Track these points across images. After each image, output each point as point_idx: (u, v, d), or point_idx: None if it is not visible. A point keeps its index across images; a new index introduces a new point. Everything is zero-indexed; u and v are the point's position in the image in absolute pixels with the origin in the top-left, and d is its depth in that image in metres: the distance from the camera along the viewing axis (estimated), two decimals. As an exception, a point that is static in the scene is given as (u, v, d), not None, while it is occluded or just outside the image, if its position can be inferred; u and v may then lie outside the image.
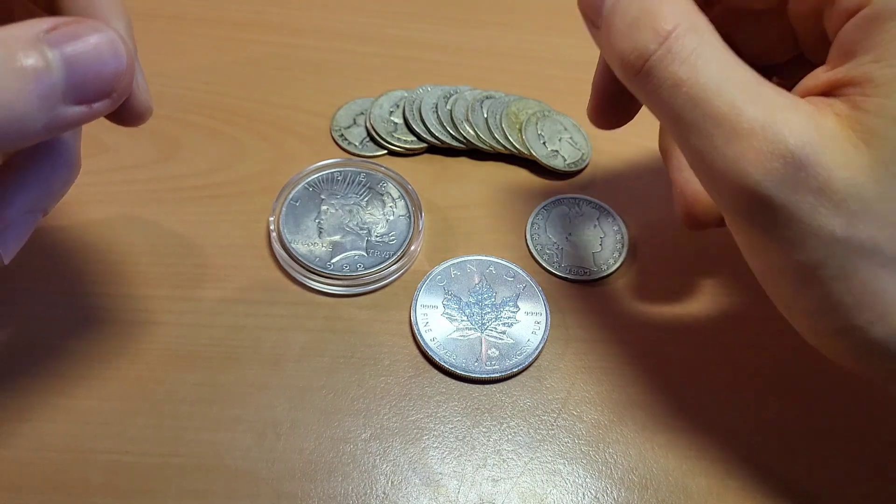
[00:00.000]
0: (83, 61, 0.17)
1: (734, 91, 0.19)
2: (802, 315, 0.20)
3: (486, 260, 0.29)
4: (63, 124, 0.18)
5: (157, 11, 0.37)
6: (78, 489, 0.23)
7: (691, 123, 0.19)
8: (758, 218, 0.19)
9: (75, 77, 0.17)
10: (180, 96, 0.34)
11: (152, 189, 0.30)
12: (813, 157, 0.18)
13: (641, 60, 0.20)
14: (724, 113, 0.19)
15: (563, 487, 0.24)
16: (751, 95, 0.19)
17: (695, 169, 0.20)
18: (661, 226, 0.31)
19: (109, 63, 0.18)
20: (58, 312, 0.27)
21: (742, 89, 0.19)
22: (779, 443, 0.26)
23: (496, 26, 0.38)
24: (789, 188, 0.18)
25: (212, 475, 0.24)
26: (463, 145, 0.32)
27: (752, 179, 0.18)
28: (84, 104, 0.18)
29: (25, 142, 0.17)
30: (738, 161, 0.19)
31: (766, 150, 0.18)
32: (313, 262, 0.28)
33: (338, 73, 0.35)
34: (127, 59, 0.18)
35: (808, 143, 0.18)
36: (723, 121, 0.19)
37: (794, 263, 0.19)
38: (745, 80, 0.19)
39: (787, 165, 0.18)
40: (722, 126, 0.19)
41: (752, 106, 0.19)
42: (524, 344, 0.27)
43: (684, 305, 0.29)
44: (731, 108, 0.19)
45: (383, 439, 0.25)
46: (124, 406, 0.25)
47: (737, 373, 0.27)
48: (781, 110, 0.19)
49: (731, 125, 0.19)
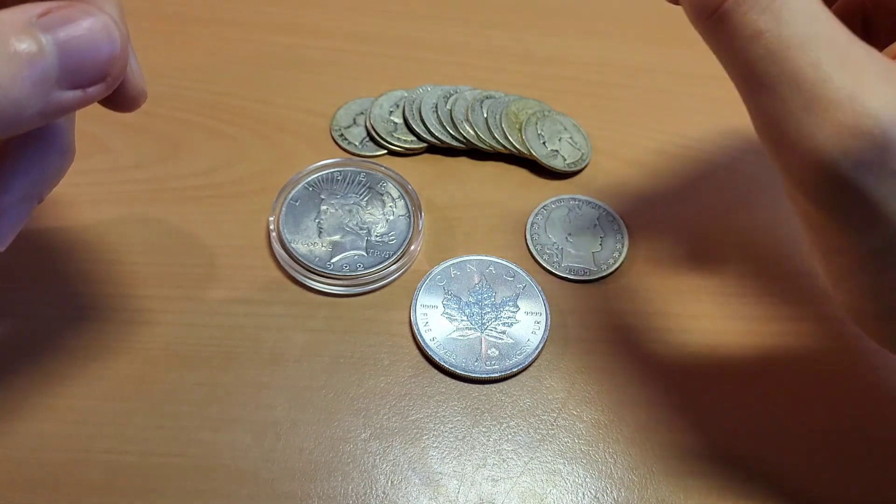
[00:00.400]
0: (77, 45, 0.17)
1: (822, 50, 0.17)
2: (855, 295, 0.19)
3: (485, 260, 0.29)
4: (58, 110, 0.18)
5: (156, 11, 0.37)
6: (77, 489, 0.23)
7: (766, 82, 0.17)
8: (828, 198, 0.18)
9: (69, 62, 0.17)
10: (180, 96, 0.34)
11: (152, 189, 0.30)
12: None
13: (717, 2, 0.18)
14: (807, 75, 0.17)
15: (563, 487, 0.24)
16: (840, 58, 0.17)
17: (761, 133, 0.19)
18: (661, 225, 0.31)
19: (103, 47, 0.18)
20: (57, 312, 0.27)
21: (831, 49, 0.17)
22: (779, 443, 0.26)
23: (496, 26, 0.38)
24: (870, 170, 0.17)
25: (212, 475, 0.24)
26: (463, 145, 0.32)
27: (830, 156, 0.17)
28: (78, 89, 0.18)
29: (20, 128, 0.17)
30: (816, 133, 0.17)
31: (850, 124, 0.16)
32: (313, 261, 0.28)
33: (338, 73, 0.35)
34: (121, 42, 0.18)
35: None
36: (804, 84, 0.17)
37: (859, 246, 0.18)
38: (836, 39, 0.17)
39: (871, 145, 0.16)
40: (802, 90, 0.17)
41: (840, 71, 0.17)
42: (524, 344, 0.27)
43: (684, 305, 0.29)
44: (815, 71, 0.17)
45: (383, 439, 0.25)
46: (124, 406, 0.25)
47: (737, 373, 0.27)
48: (873, 79, 0.17)
49: (813, 91, 0.17)
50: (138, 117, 0.33)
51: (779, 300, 0.29)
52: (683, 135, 0.34)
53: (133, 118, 0.32)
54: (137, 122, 0.32)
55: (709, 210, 0.31)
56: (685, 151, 0.34)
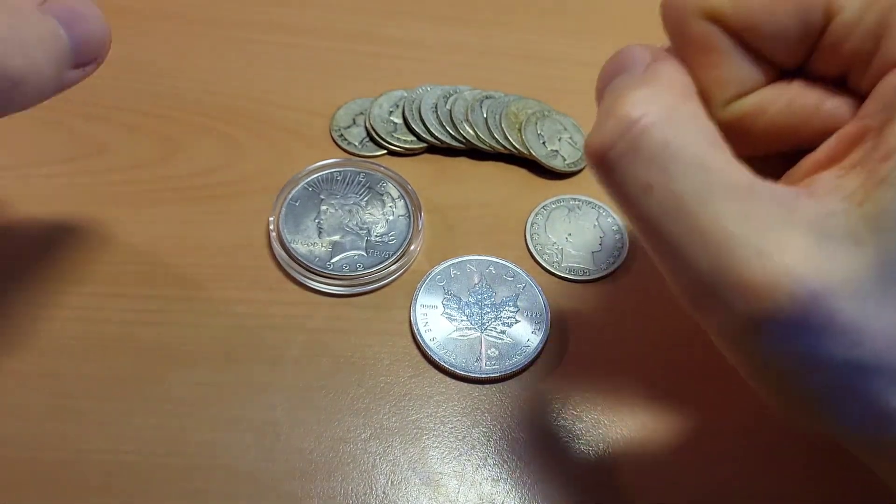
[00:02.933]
0: (81, 29, 0.19)
1: (719, 202, 0.15)
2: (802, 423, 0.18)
3: (485, 260, 0.29)
4: (65, 86, 0.20)
5: (157, 11, 0.37)
6: (77, 489, 0.23)
7: (669, 241, 0.16)
8: (750, 353, 0.16)
9: (77, 44, 0.19)
10: (180, 96, 0.34)
11: (152, 189, 0.30)
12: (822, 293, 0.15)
13: (602, 150, 0.16)
14: (709, 232, 0.15)
15: (562, 487, 0.24)
16: (741, 208, 0.15)
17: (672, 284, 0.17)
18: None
19: (100, 31, 0.20)
20: (57, 312, 0.27)
21: (730, 198, 0.15)
22: (780, 444, 0.26)
23: (496, 26, 0.38)
24: (792, 334, 0.15)
25: (211, 475, 0.24)
26: (463, 145, 0.32)
27: (746, 318, 0.15)
28: (80, 67, 0.20)
29: (37, 102, 0.19)
30: (727, 301, 0.15)
31: (762, 289, 0.15)
32: (313, 262, 0.28)
33: (338, 73, 0.35)
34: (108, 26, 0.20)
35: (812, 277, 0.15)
36: (708, 244, 0.15)
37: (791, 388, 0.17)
38: (734, 185, 0.16)
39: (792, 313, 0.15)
40: (707, 250, 0.15)
41: (743, 224, 0.15)
42: (524, 344, 0.27)
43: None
44: (716, 227, 0.15)
45: (383, 439, 0.25)
46: (123, 406, 0.25)
47: (738, 373, 0.27)
48: (779, 230, 0.15)
49: (717, 250, 0.15)
50: (138, 117, 0.33)
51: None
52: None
53: (133, 118, 0.33)
54: (137, 122, 0.32)
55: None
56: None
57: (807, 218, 0.15)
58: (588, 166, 0.17)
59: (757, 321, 0.15)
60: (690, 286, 0.16)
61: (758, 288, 0.15)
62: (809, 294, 0.15)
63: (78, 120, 0.32)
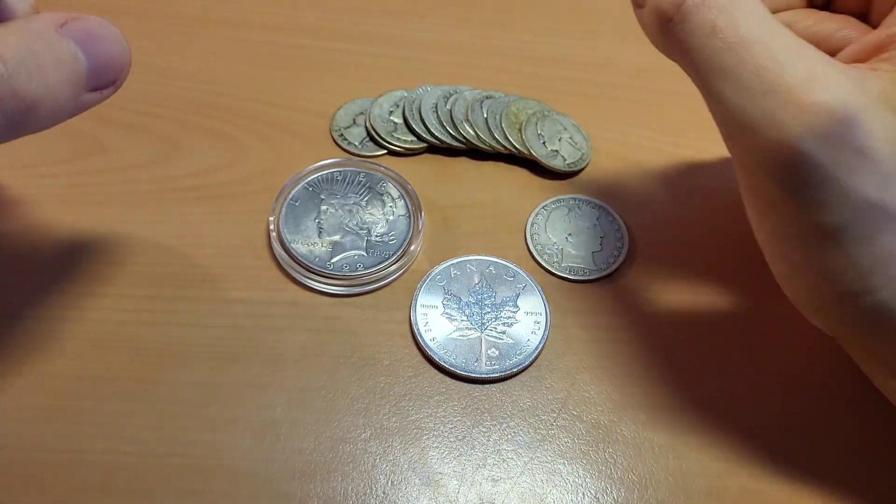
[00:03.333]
0: (100, 52, 0.19)
1: (776, 45, 0.18)
2: (809, 277, 0.20)
3: (486, 260, 0.29)
4: (82, 109, 0.20)
5: (157, 11, 0.37)
6: (77, 489, 0.23)
7: (727, 73, 0.19)
8: (790, 176, 0.19)
9: (95, 67, 0.19)
10: (180, 96, 0.34)
11: (152, 189, 0.30)
12: (857, 117, 0.18)
13: (676, 6, 0.19)
14: (765, 65, 0.18)
15: (562, 487, 0.24)
16: (793, 50, 0.18)
17: (725, 123, 0.20)
18: (661, 226, 0.31)
19: (119, 55, 0.20)
20: (56, 313, 0.27)
21: (784, 43, 0.19)
22: (780, 444, 0.26)
23: (496, 26, 0.38)
24: (831, 146, 0.18)
25: (211, 475, 0.24)
26: (463, 145, 0.32)
27: (793, 134, 0.18)
28: (97, 90, 0.20)
29: (53, 124, 0.19)
30: (778, 113, 0.18)
31: (809, 104, 0.18)
32: (313, 262, 0.28)
33: (338, 73, 0.35)
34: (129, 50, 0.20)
35: (853, 102, 0.18)
36: (763, 72, 0.18)
37: (817, 225, 0.19)
38: (786, 36, 0.19)
39: (830, 123, 0.18)
40: (762, 78, 0.18)
41: (795, 61, 0.18)
42: (524, 344, 0.27)
43: (684, 305, 0.29)
44: (772, 61, 0.18)
45: (383, 439, 0.25)
46: (123, 406, 0.25)
47: (737, 372, 0.27)
48: (825, 67, 0.18)
49: (772, 77, 0.18)
50: (138, 117, 0.33)
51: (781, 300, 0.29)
52: (683, 135, 0.34)
53: (133, 118, 0.33)
54: (137, 122, 0.32)
55: (708, 209, 0.31)
56: (685, 151, 0.34)
57: (850, 73, 0.19)
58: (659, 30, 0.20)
59: (801, 136, 0.18)
60: (744, 111, 0.19)
61: (805, 105, 0.18)
62: (848, 117, 0.18)
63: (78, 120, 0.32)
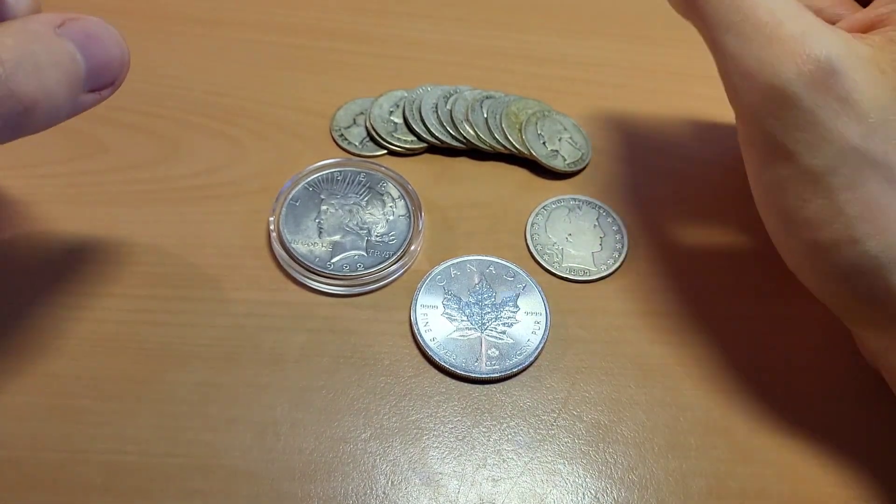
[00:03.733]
0: (98, 53, 0.19)
1: (777, 4, 0.21)
2: (800, 229, 0.22)
3: (486, 260, 0.29)
4: (79, 110, 0.20)
5: (157, 11, 0.37)
6: (77, 489, 0.23)
7: (731, 26, 0.21)
8: (780, 117, 0.21)
9: (93, 68, 0.19)
10: (180, 96, 0.34)
11: (152, 189, 0.30)
12: (843, 68, 0.20)
13: None
14: (765, 20, 0.21)
15: (563, 487, 0.24)
16: (792, 12, 0.21)
17: (726, 72, 0.22)
18: (661, 226, 0.31)
19: (117, 55, 0.20)
20: (57, 312, 0.27)
21: (784, 5, 0.21)
22: (779, 444, 0.26)
23: (496, 26, 0.38)
24: (817, 90, 0.20)
25: (211, 475, 0.24)
26: (463, 145, 0.32)
27: (784, 77, 0.20)
28: (96, 91, 0.20)
29: (50, 126, 0.19)
30: (772, 61, 0.21)
31: (800, 53, 0.20)
32: (313, 262, 0.28)
33: (338, 73, 0.35)
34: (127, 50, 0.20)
35: (840, 55, 0.20)
36: (763, 26, 0.21)
37: (806, 169, 0.21)
38: (787, 1, 0.22)
39: (818, 69, 0.20)
40: (761, 30, 0.21)
41: (792, 19, 0.21)
42: (524, 344, 0.27)
43: (684, 305, 0.29)
44: (772, 17, 0.21)
45: (383, 439, 0.25)
46: (123, 406, 0.25)
47: (736, 373, 0.27)
48: (820, 27, 0.21)
49: (770, 30, 0.21)
50: (138, 117, 0.33)
51: (779, 300, 0.29)
52: (683, 135, 0.34)
53: (133, 118, 0.33)
54: (137, 122, 0.32)
55: (709, 209, 0.31)
56: (685, 151, 0.34)
57: (842, 34, 0.21)
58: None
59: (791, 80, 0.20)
60: (744, 59, 0.21)
61: (796, 54, 0.20)
62: (834, 67, 0.20)
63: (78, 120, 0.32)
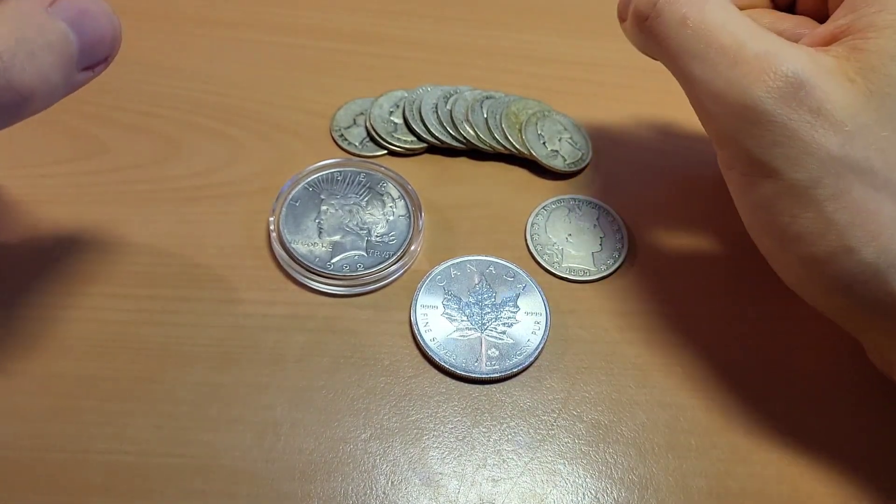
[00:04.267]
0: (90, 30, 0.19)
1: (737, 28, 0.21)
2: (793, 245, 0.21)
3: (486, 260, 0.29)
4: (73, 89, 0.19)
5: (157, 11, 0.37)
6: (77, 489, 0.23)
7: (696, 54, 0.22)
8: (756, 135, 0.21)
9: (86, 47, 0.19)
10: (180, 96, 0.34)
11: (152, 189, 0.30)
12: (811, 80, 0.20)
13: (651, 5, 0.23)
14: (728, 44, 0.21)
15: (563, 487, 0.24)
16: (753, 34, 0.21)
17: (697, 99, 0.22)
18: (661, 226, 0.31)
19: (109, 32, 0.19)
20: (56, 312, 0.27)
21: (745, 28, 0.21)
22: (779, 444, 0.26)
23: (496, 26, 0.38)
24: (788, 105, 0.20)
25: (211, 475, 0.24)
26: (463, 145, 0.32)
27: (755, 95, 0.20)
28: (89, 69, 0.19)
29: (46, 107, 0.19)
30: (740, 81, 0.21)
31: (767, 70, 0.20)
32: (313, 262, 0.28)
33: (338, 73, 0.35)
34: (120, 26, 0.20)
35: (806, 69, 0.20)
36: (727, 50, 0.21)
37: (790, 184, 0.21)
38: (747, 23, 0.22)
39: (787, 84, 0.20)
40: (726, 54, 0.21)
41: (754, 40, 0.21)
42: (524, 344, 0.27)
43: (684, 306, 0.29)
44: (734, 40, 0.21)
45: (383, 439, 0.25)
46: (123, 406, 0.25)
47: (736, 373, 0.27)
48: (782, 45, 0.21)
49: (734, 52, 0.21)
50: (138, 117, 0.33)
51: (780, 300, 0.29)
52: (683, 135, 0.34)
53: (133, 118, 0.33)
54: (137, 122, 0.32)
55: (709, 209, 0.31)
56: (685, 151, 0.34)
57: (804, 49, 0.21)
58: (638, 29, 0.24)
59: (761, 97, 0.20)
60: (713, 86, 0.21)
61: (763, 72, 0.20)
62: (801, 81, 0.20)
63: (78, 120, 0.32)
